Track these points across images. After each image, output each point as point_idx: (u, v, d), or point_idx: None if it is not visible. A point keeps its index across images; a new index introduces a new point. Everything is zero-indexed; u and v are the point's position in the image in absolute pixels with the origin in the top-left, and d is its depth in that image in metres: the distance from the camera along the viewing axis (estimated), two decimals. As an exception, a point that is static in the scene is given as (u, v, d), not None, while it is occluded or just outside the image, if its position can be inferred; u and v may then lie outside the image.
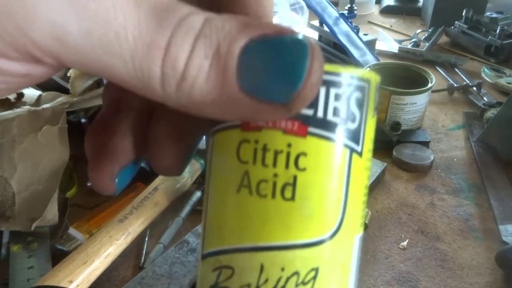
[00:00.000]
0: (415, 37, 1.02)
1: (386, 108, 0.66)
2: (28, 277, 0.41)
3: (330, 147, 0.15)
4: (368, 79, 0.16)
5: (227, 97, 0.12)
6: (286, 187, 0.15)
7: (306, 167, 0.15)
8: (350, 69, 0.16)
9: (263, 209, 0.15)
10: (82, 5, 0.11)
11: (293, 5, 0.98)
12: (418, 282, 0.44)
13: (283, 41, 0.12)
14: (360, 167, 0.17)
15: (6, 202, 0.44)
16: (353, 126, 0.16)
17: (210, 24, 0.12)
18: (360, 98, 0.16)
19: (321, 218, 0.15)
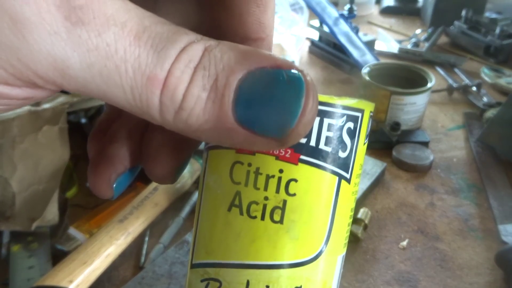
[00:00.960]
0: (414, 37, 1.03)
1: (386, 108, 0.66)
2: (28, 277, 0.41)
3: (320, 174, 0.16)
4: (361, 109, 0.17)
5: (222, 127, 0.13)
6: (276, 211, 0.16)
7: (296, 193, 0.16)
8: (345, 99, 0.16)
9: (252, 229, 0.16)
10: (83, 40, 0.12)
11: (293, 5, 0.98)
12: (417, 282, 0.44)
13: (280, 76, 0.13)
14: (347, 192, 0.17)
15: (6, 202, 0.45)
16: (343, 155, 0.16)
17: (209, 54, 0.13)
18: (353, 128, 0.17)
19: (307, 241, 0.16)
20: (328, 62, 0.96)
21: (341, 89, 0.84)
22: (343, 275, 0.44)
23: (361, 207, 0.50)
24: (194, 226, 0.18)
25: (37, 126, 0.47)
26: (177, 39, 0.12)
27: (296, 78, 0.13)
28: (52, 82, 0.12)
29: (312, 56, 1.00)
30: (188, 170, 0.52)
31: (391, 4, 1.28)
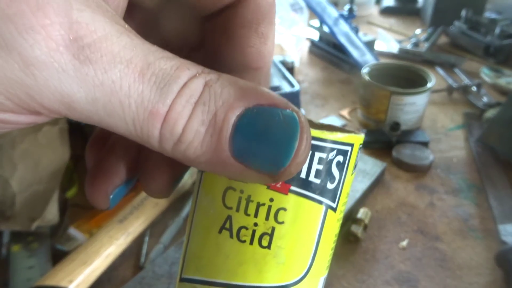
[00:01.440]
0: (414, 38, 1.03)
1: (386, 108, 0.66)
2: (28, 277, 0.41)
3: (308, 205, 0.17)
4: (351, 144, 0.18)
5: (219, 159, 0.13)
6: (264, 236, 0.17)
7: (284, 221, 0.17)
8: (336, 134, 0.17)
9: (241, 252, 0.17)
10: (90, 77, 0.12)
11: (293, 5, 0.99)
12: (417, 282, 0.44)
13: (276, 115, 0.13)
14: (333, 220, 0.18)
15: (6, 202, 0.45)
16: (331, 186, 0.17)
17: (210, 90, 0.13)
18: (342, 161, 0.17)
19: (292, 265, 0.17)
20: (328, 62, 0.96)
21: (341, 89, 0.84)
22: (343, 275, 0.44)
23: (361, 207, 0.50)
24: (185, 239, 0.19)
25: (37, 126, 0.47)
26: (179, 75, 0.13)
27: (292, 119, 0.13)
28: (57, 112, 0.13)
29: (312, 56, 1.00)
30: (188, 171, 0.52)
31: (391, 4, 1.28)
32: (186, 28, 0.20)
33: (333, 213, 0.18)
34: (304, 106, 0.77)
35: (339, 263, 0.46)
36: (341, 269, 0.45)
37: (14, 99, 0.12)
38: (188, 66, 0.13)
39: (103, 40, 0.12)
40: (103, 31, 0.12)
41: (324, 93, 0.83)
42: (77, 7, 0.12)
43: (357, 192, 0.52)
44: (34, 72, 0.12)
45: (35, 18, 0.11)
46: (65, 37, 0.12)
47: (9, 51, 0.11)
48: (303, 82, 0.87)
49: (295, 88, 0.68)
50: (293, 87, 0.69)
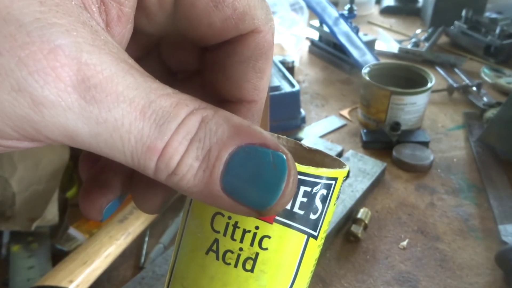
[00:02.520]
0: (414, 37, 1.03)
1: (386, 108, 0.66)
2: (28, 277, 0.41)
3: (291, 234, 0.18)
4: (335, 178, 0.19)
5: (209, 193, 0.14)
6: (248, 261, 0.18)
7: (268, 247, 0.18)
8: (321, 169, 0.18)
9: (225, 274, 0.18)
10: (94, 115, 0.13)
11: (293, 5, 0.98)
12: (418, 282, 0.44)
13: (266, 157, 0.14)
14: (314, 247, 0.19)
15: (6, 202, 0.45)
16: (314, 217, 0.18)
17: (205, 127, 0.14)
18: (325, 194, 0.18)
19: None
20: (328, 62, 0.96)
21: (341, 89, 0.84)
22: (344, 275, 0.44)
23: (361, 207, 0.50)
24: (172, 256, 0.20)
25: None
26: (178, 113, 0.14)
27: (281, 161, 0.14)
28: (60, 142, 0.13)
29: (312, 56, 1.00)
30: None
31: (391, 4, 1.28)
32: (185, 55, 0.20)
33: (314, 240, 0.19)
34: (304, 106, 0.77)
35: (340, 263, 0.46)
36: (342, 269, 0.45)
37: (21, 131, 0.13)
38: (187, 103, 0.14)
39: (108, 80, 0.13)
40: (109, 72, 0.13)
41: (324, 93, 0.83)
42: (87, 49, 0.13)
43: (357, 192, 0.52)
44: (43, 110, 0.12)
45: (46, 61, 0.12)
46: (73, 78, 0.12)
47: (21, 91, 0.12)
48: (303, 82, 0.87)
49: (295, 88, 0.68)
50: (293, 87, 0.69)
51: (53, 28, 0.12)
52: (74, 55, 0.12)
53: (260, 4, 0.18)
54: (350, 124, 0.72)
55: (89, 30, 0.13)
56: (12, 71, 0.12)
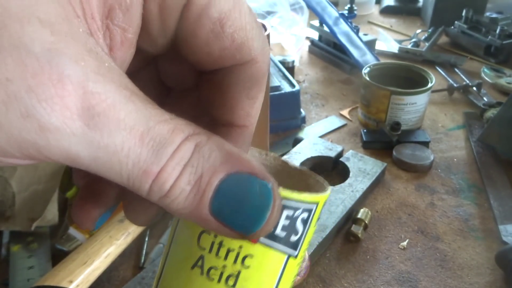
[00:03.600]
0: (415, 37, 1.02)
1: (386, 108, 0.66)
2: (28, 277, 0.41)
3: (272, 253, 0.19)
4: (316, 202, 0.20)
5: (198, 215, 0.15)
6: (230, 277, 0.19)
7: (250, 266, 0.19)
8: (303, 194, 0.19)
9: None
10: (96, 140, 0.14)
11: (293, 5, 0.98)
12: (418, 282, 0.44)
13: (254, 185, 0.15)
14: (293, 265, 0.20)
15: (6, 202, 0.44)
16: (295, 239, 0.20)
17: (199, 153, 0.15)
18: (306, 217, 0.19)
19: None
20: (328, 62, 0.96)
21: (341, 88, 0.84)
22: (344, 275, 0.44)
23: (361, 207, 0.50)
24: (160, 264, 0.21)
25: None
26: (173, 140, 0.15)
27: (266, 190, 0.15)
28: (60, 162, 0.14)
29: (312, 56, 1.00)
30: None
31: (392, 4, 1.28)
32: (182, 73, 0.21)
33: (294, 259, 0.20)
34: (304, 106, 0.77)
35: (340, 263, 0.46)
36: (342, 269, 0.45)
37: (24, 152, 0.13)
38: (183, 128, 0.15)
39: (111, 108, 0.14)
40: (112, 100, 0.14)
41: (324, 93, 0.83)
42: (93, 78, 0.13)
43: (357, 192, 0.52)
44: (48, 136, 0.13)
45: (54, 89, 0.13)
46: (79, 107, 0.13)
47: (29, 117, 0.13)
48: (303, 82, 0.87)
49: (295, 88, 0.68)
50: (293, 87, 0.69)
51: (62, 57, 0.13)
52: (81, 84, 0.13)
53: (258, 35, 0.18)
54: (350, 124, 0.72)
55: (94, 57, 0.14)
56: (22, 98, 0.12)
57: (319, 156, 0.59)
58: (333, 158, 0.59)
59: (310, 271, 0.43)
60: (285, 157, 0.58)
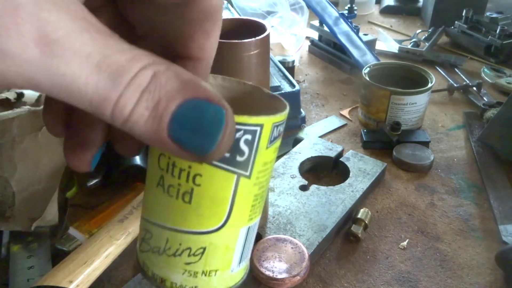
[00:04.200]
0: (415, 37, 1.02)
1: (386, 108, 0.66)
2: (28, 277, 0.41)
3: (219, 173, 0.21)
4: (259, 124, 0.21)
5: (158, 138, 0.16)
6: (186, 194, 0.21)
7: (200, 184, 0.21)
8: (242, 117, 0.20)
9: (170, 204, 0.21)
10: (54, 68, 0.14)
11: (293, 5, 0.98)
12: (418, 282, 0.44)
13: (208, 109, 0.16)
14: (248, 185, 0.22)
15: (6, 202, 0.44)
16: (242, 159, 0.21)
17: (156, 81, 0.16)
18: (251, 139, 0.21)
19: (209, 217, 0.22)
20: (328, 62, 0.96)
21: (342, 88, 0.84)
22: (344, 275, 0.44)
23: (361, 207, 0.50)
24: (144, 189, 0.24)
25: (37, 126, 0.47)
26: (131, 68, 0.15)
27: (220, 114, 0.17)
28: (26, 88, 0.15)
29: (312, 55, 1.00)
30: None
31: (392, 4, 1.28)
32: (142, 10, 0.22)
33: (247, 179, 0.22)
34: (304, 106, 0.77)
35: (340, 263, 0.46)
36: (342, 269, 0.45)
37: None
38: (141, 58, 0.16)
39: (66, 37, 0.14)
40: (66, 29, 0.14)
41: (324, 93, 0.83)
42: (46, 7, 0.14)
43: (357, 192, 0.52)
44: (7, 61, 0.14)
45: (9, 17, 0.13)
46: (34, 34, 0.14)
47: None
48: (303, 82, 0.87)
49: (295, 88, 0.68)
50: (293, 87, 0.69)
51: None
52: (35, 12, 0.14)
53: None
54: (351, 124, 0.72)
55: None
56: None
57: (319, 156, 0.59)
58: (333, 158, 0.59)
59: (310, 271, 0.43)
60: (285, 157, 0.58)
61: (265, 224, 0.47)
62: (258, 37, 0.34)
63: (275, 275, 0.40)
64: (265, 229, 0.46)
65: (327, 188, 0.53)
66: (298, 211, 0.49)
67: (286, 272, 0.40)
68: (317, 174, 0.60)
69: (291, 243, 0.43)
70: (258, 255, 0.41)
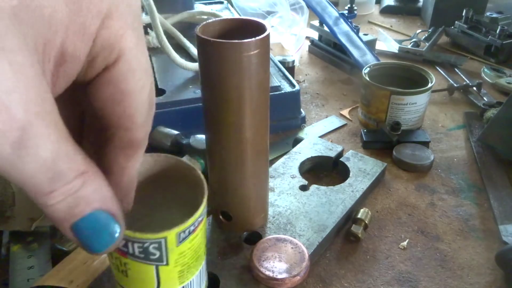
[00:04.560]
0: (415, 37, 1.02)
1: (386, 108, 0.66)
2: (28, 277, 0.41)
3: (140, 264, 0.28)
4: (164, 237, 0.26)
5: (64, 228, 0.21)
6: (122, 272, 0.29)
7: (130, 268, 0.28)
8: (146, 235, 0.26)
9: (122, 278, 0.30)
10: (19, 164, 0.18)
11: (293, 5, 0.98)
12: (418, 282, 0.44)
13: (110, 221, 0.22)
14: (168, 270, 0.29)
15: (6, 202, 0.44)
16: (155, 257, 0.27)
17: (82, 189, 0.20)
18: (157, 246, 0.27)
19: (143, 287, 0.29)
20: (328, 62, 0.96)
21: (342, 88, 0.84)
22: (344, 275, 0.44)
23: (361, 207, 0.50)
24: None
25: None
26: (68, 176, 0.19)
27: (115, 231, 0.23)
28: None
29: (312, 55, 1.00)
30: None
31: (392, 4, 1.28)
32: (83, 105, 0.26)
33: (166, 266, 0.28)
34: (304, 106, 0.77)
35: (340, 263, 0.46)
36: (342, 269, 0.45)
37: None
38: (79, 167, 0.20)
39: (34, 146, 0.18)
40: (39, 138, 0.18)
41: (324, 93, 0.83)
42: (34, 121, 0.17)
43: (357, 192, 0.52)
44: None
45: None
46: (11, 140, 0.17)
47: None
48: (303, 82, 0.87)
49: (295, 88, 0.68)
50: (293, 87, 0.69)
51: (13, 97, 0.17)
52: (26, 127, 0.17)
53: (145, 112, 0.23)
54: (351, 124, 0.72)
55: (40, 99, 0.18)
56: None
57: (319, 156, 0.59)
58: (333, 158, 0.59)
59: (310, 271, 0.43)
60: (285, 157, 0.58)
61: (265, 224, 0.47)
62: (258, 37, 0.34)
63: (275, 275, 0.40)
64: (265, 229, 0.46)
65: (327, 188, 0.53)
66: (298, 211, 0.49)
67: (286, 272, 0.40)
68: (317, 174, 0.60)
69: (291, 243, 0.43)
70: (258, 255, 0.41)
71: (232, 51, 0.33)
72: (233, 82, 0.35)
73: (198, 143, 0.54)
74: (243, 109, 0.37)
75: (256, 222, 0.46)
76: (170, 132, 0.58)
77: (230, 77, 0.35)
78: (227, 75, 0.35)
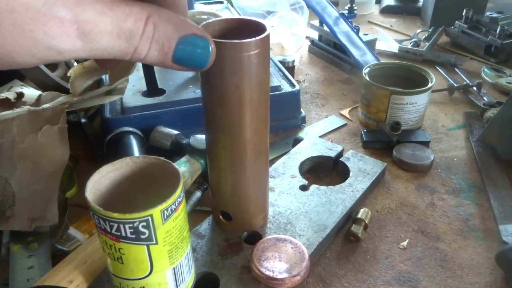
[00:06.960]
0: (415, 37, 1.02)
1: (386, 108, 0.66)
2: (28, 277, 0.41)
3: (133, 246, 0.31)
4: (150, 214, 0.30)
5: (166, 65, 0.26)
6: (118, 259, 0.32)
7: (124, 253, 0.31)
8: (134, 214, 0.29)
9: (117, 266, 0.33)
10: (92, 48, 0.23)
11: (293, 5, 0.98)
12: (418, 282, 0.44)
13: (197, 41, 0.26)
14: (158, 248, 0.32)
15: (6, 202, 0.44)
16: (144, 236, 0.31)
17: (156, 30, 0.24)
18: (145, 224, 0.30)
19: (139, 270, 0.33)
20: (328, 61, 0.96)
21: (342, 88, 0.84)
22: (344, 275, 0.44)
23: (361, 207, 0.50)
24: None
25: (36, 126, 0.47)
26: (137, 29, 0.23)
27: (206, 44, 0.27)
28: None
29: (312, 55, 1.00)
30: (188, 170, 0.52)
31: (392, 4, 1.28)
32: None
33: (156, 245, 0.31)
34: (304, 106, 0.77)
35: (340, 263, 0.46)
36: (342, 269, 0.45)
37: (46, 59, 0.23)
38: (141, 16, 0.23)
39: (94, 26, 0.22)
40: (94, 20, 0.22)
41: (324, 93, 0.83)
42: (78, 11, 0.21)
43: (357, 192, 0.52)
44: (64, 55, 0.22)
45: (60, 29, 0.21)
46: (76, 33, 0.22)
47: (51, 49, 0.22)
48: (303, 82, 0.87)
49: (295, 88, 0.68)
50: (293, 87, 0.69)
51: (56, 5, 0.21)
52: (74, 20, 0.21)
53: None
54: (351, 123, 0.72)
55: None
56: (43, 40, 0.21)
57: (319, 156, 0.59)
58: (333, 158, 0.59)
59: (310, 271, 0.43)
60: (285, 157, 0.58)
61: (265, 224, 0.47)
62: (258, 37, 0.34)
63: (275, 275, 0.40)
64: (265, 229, 0.46)
65: (327, 188, 0.52)
66: (298, 211, 0.49)
67: (286, 272, 0.40)
68: (317, 174, 0.60)
69: (291, 243, 0.43)
70: (258, 255, 0.41)
71: (232, 51, 0.33)
72: (233, 82, 0.35)
73: (198, 143, 0.54)
74: (243, 109, 0.37)
75: (256, 222, 0.46)
76: (170, 132, 0.58)
77: (230, 77, 0.35)
78: (227, 75, 0.35)
